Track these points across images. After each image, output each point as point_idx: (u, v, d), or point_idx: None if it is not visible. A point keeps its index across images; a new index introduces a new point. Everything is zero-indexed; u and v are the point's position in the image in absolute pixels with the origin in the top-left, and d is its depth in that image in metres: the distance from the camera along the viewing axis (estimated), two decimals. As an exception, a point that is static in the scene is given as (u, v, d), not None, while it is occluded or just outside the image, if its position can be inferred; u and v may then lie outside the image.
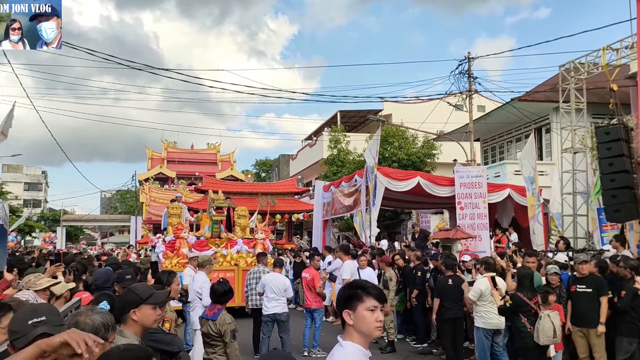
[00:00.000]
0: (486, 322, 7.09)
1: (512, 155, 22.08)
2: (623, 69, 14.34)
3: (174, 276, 5.42)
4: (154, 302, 3.08)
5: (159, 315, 3.13)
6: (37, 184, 79.07)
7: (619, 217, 10.39)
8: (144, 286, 3.32)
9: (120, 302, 3.19)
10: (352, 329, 2.31)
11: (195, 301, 7.64)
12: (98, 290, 5.08)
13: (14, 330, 2.22)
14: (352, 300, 2.33)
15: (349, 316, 2.31)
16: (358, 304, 2.31)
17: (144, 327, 3.05)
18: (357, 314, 2.30)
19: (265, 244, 12.58)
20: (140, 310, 3.02)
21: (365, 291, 2.33)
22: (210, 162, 43.03)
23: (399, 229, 25.39)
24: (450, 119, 21.54)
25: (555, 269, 7.45)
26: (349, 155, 26.37)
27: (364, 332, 2.30)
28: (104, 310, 2.55)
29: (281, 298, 8.34)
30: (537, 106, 19.50)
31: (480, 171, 14.10)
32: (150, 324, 3.07)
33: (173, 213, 12.48)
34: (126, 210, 63.69)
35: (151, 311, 3.05)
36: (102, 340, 2.09)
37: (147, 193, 33.12)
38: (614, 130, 10.40)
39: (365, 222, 14.17)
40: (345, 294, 2.39)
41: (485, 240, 13.24)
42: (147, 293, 3.09)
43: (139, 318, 3.01)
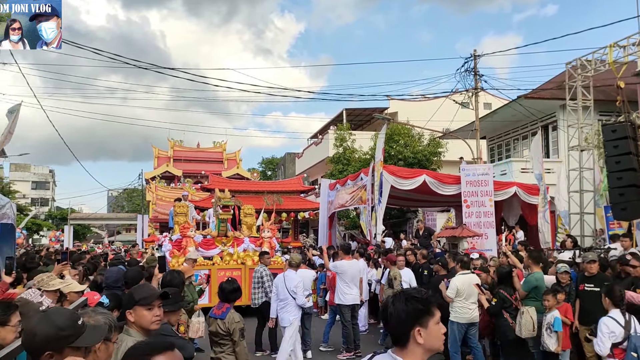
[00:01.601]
0: (461, 317, 7.33)
1: (519, 153, 22.01)
2: (630, 66, 14.27)
3: (183, 276, 5.45)
4: (145, 303, 3.09)
5: (156, 317, 3.13)
6: (45, 182, 79.50)
7: (625, 215, 10.34)
8: (144, 287, 3.35)
9: (123, 303, 3.28)
10: (421, 349, 2.02)
11: (288, 299, 7.84)
12: (108, 289, 5.11)
13: (68, 334, 2.17)
14: (422, 316, 2.03)
15: (420, 335, 2.01)
16: (429, 319, 2.03)
17: (142, 327, 3.08)
18: (429, 330, 2.02)
19: (272, 243, 12.55)
20: (135, 312, 3.06)
21: (433, 304, 2.07)
22: (216, 161, 43.05)
23: (405, 227, 25.37)
24: (457, 117, 21.50)
25: (566, 268, 7.44)
26: (354, 153, 26.34)
27: (434, 349, 2.05)
28: (107, 311, 2.58)
29: (308, 292, 8.83)
30: (543, 104, 19.42)
31: (487, 169, 14.05)
32: (147, 324, 3.09)
33: (179, 212, 12.46)
34: (133, 209, 64.00)
35: (145, 312, 3.08)
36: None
37: (153, 191, 33.19)
38: (620, 128, 10.34)
39: (371, 220, 14.18)
40: (412, 309, 2.04)
41: (491, 239, 13.21)
42: (140, 295, 3.12)
43: (134, 319, 3.06)
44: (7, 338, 3.14)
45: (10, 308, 3.29)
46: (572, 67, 15.66)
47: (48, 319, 2.22)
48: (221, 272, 11.53)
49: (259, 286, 9.07)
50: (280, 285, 7.95)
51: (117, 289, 5.12)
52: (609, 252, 9.52)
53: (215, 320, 5.02)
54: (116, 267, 5.78)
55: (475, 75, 19.25)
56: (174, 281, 5.18)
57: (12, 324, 3.16)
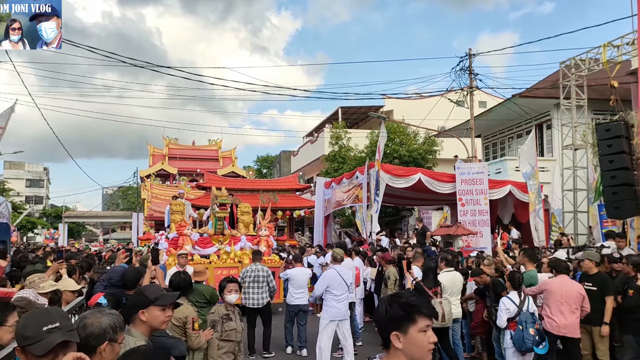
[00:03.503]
0: None
1: (513, 151, 22.12)
2: (624, 65, 14.36)
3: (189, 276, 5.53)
4: (162, 303, 3.13)
5: (167, 317, 3.17)
6: (39, 180, 79.16)
7: (619, 213, 10.45)
8: (154, 288, 3.38)
9: (130, 302, 3.26)
10: (400, 353, 2.01)
11: (345, 293, 7.79)
12: (113, 288, 5.14)
13: (27, 335, 2.16)
14: (402, 321, 2.02)
15: (398, 340, 2.01)
16: (410, 326, 2.01)
17: (152, 327, 3.11)
18: (409, 337, 2.00)
19: (269, 241, 12.48)
20: (148, 312, 3.08)
21: (417, 311, 2.03)
22: (211, 159, 43.00)
23: (400, 225, 25.45)
24: (452, 116, 21.59)
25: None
26: (350, 151, 26.39)
27: (415, 357, 2.01)
28: (113, 312, 2.57)
29: (304, 290, 8.99)
30: (538, 103, 19.53)
31: (481, 167, 14.12)
32: (158, 325, 3.13)
33: (176, 210, 12.37)
34: (128, 207, 63.76)
35: (159, 312, 3.11)
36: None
37: (148, 189, 33.11)
38: (614, 127, 10.43)
39: (367, 218, 14.22)
40: (392, 313, 2.04)
41: (486, 237, 13.28)
42: (155, 294, 3.15)
43: (147, 319, 3.07)
44: (4, 338, 3.16)
45: (7, 308, 3.30)
46: (566, 66, 15.76)
47: (20, 321, 2.31)
48: (218, 271, 11.49)
49: (262, 286, 8.73)
50: (336, 281, 7.62)
51: (119, 288, 5.13)
52: (602, 250, 9.60)
53: None
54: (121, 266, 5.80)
55: (471, 74, 19.33)
56: (182, 283, 5.29)
57: (9, 324, 3.17)
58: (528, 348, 5.97)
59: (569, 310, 6.36)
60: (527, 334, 5.92)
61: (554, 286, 6.58)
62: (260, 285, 8.76)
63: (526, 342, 5.91)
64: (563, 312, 6.37)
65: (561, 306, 6.38)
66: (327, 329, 7.51)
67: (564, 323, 6.34)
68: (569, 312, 6.36)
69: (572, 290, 6.44)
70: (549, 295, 6.57)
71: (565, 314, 6.35)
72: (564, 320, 6.35)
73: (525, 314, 6.09)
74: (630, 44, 13.02)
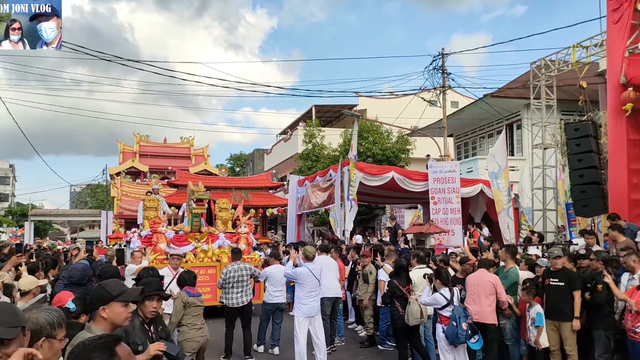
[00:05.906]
0: None
1: (485, 150, 22.38)
2: (592, 66, 14.64)
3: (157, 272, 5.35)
4: (125, 299, 3.02)
5: (129, 313, 3.06)
6: (4, 177, 77.02)
7: (587, 211, 10.64)
8: (116, 283, 3.22)
9: (90, 298, 3.11)
10: None
11: (318, 289, 7.74)
12: (73, 286, 4.95)
13: None
14: None
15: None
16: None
17: (114, 324, 2.98)
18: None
19: (249, 239, 12.00)
20: (109, 308, 2.95)
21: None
22: (183, 157, 42.46)
23: (373, 223, 25.53)
24: (425, 115, 21.73)
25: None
26: (323, 150, 26.38)
27: None
28: (53, 308, 2.50)
29: (282, 289, 8.97)
30: (508, 102, 19.81)
31: (454, 166, 14.23)
32: (120, 321, 3.00)
33: (150, 206, 11.70)
34: (97, 205, 62.53)
35: (121, 309, 2.99)
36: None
37: (118, 187, 32.44)
38: (583, 127, 10.63)
39: (340, 217, 14.18)
40: None
41: (458, 235, 13.39)
42: (118, 290, 3.02)
43: (108, 315, 2.95)
44: None
45: None
46: (537, 66, 15.99)
47: None
48: (195, 270, 11.11)
49: (246, 285, 8.42)
50: (309, 278, 7.50)
51: (83, 286, 4.96)
52: (570, 247, 9.75)
53: None
54: (81, 263, 5.61)
55: (443, 73, 19.50)
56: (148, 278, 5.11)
57: None
58: (461, 342, 6.29)
59: (482, 297, 6.82)
60: (460, 329, 6.24)
61: (470, 279, 7.12)
62: (245, 284, 8.44)
63: (459, 336, 6.23)
64: (475, 300, 6.86)
65: (474, 295, 6.89)
66: (302, 327, 7.45)
67: (476, 310, 6.76)
68: (482, 299, 6.82)
69: (485, 280, 6.90)
70: (466, 287, 7.06)
71: (477, 302, 6.83)
72: (476, 307, 6.78)
73: (458, 309, 6.36)
74: (599, 46, 13.26)
